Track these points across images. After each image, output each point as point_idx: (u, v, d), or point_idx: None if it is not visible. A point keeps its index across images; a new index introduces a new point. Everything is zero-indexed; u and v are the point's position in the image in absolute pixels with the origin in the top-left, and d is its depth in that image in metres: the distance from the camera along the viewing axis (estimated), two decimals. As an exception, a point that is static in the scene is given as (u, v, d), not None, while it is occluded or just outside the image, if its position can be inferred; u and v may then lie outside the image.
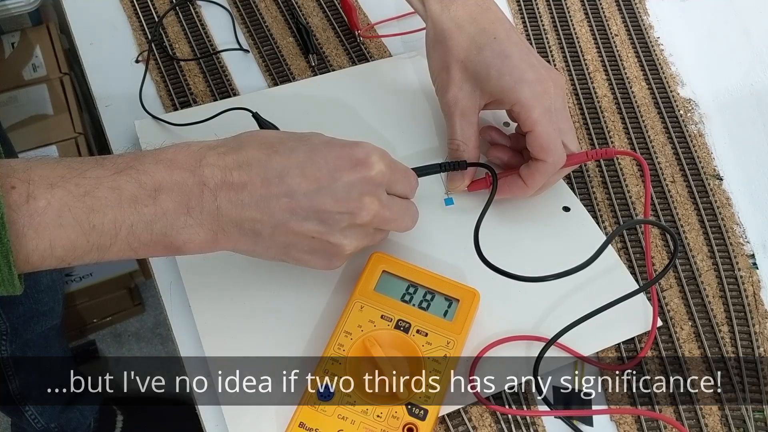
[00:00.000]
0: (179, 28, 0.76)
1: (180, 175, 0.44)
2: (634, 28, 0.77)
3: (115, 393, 1.36)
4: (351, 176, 0.47)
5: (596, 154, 0.58)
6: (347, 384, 0.49)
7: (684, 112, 0.70)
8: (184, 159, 0.45)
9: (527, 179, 0.57)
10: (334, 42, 0.75)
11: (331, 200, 0.46)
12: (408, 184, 0.52)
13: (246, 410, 0.51)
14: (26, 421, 1.09)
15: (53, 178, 0.41)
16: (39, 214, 0.40)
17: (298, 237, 0.47)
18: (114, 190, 0.42)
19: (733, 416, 0.52)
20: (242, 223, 0.45)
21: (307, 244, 0.48)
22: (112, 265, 1.32)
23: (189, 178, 0.44)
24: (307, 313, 0.55)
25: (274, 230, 0.46)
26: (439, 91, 0.60)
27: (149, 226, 0.43)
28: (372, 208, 0.47)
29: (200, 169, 0.44)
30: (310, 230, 0.46)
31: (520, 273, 0.57)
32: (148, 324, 1.46)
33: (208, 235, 0.45)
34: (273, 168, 0.45)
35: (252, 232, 0.46)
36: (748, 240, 0.62)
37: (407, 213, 0.52)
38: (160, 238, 0.44)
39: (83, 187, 0.41)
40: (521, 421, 0.52)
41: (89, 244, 0.42)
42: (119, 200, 0.42)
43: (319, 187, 0.46)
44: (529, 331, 0.54)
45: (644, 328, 0.55)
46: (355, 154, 0.48)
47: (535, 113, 0.55)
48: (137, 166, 0.43)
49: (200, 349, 0.54)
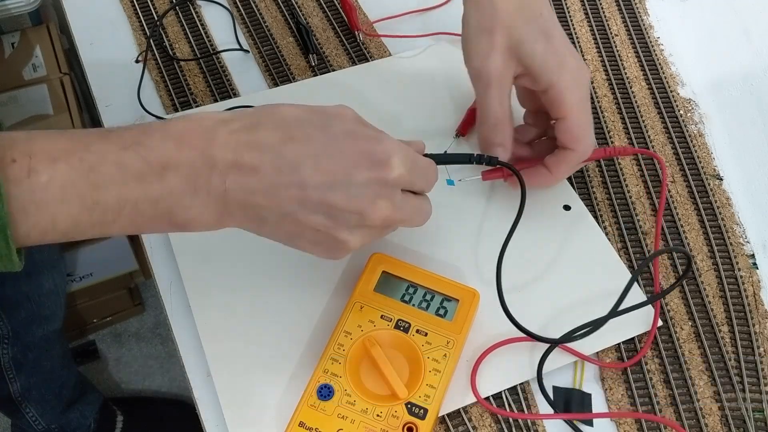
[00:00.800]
0: (179, 28, 0.76)
1: (188, 154, 0.42)
2: (634, 28, 0.77)
3: (115, 393, 1.36)
4: (367, 175, 0.44)
5: (614, 151, 0.59)
6: (347, 383, 0.49)
7: (684, 112, 0.70)
8: (194, 136, 0.42)
9: (553, 168, 0.56)
10: (334, 42, 0.75)
11: (343, 197, 0.44)
12: (426, 181, 0.49)
13: (246, 410, 0.51)
14: (27, 422, 1.09)
15: (56, 152, 0.39)
16: (41, 189, 0.38)
17: (304, 228, 0.45)
18: (119, 166, 0.40)
19: (733, 416, 0.52)
20: (249, 208, 0.44)
21: (311, 236, 0.46)
22: (112, 265, 1.32)
23: (198, 158, 0.42)
24: (307, 313, 0.55)
25: (281, 219, 0.44)
26: (477, 55, 0.56)
27: (154, 204, 0.41)
28: (384, 213, 0.45)
29: (210, 149, 0.42)
30: (317, 224, 0.44)
31: (519, 272, 0.57)
32: (148, 324, 1.46)
33: (213, 215, 0.43)
34: (287, 155, 0.43)
35: (258, 218, 0.44)
36: (748, 240, 0.62)
37: (420, 212, 0.49)
38: (165, 215, 0.42)
39: (87, 162, 0.40)
40: (521, 421, 0.52)
41: (92, 219, 0.40)
42: (124, 177, 0.40)
43: (333, 181, 0.43)
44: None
45: (644, 328, 0.55)
46: (376, 152, 0.45)
47: (571, 100, 0.54)
48: (144, 141, 0.41)
49: (200, 349, 0.54)
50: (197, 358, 0.54)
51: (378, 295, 0.54)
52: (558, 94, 0.54)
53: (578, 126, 0.54)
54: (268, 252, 0.58)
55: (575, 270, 0.58)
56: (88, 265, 1.28)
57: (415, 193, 0.48)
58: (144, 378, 1.40)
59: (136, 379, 1.40)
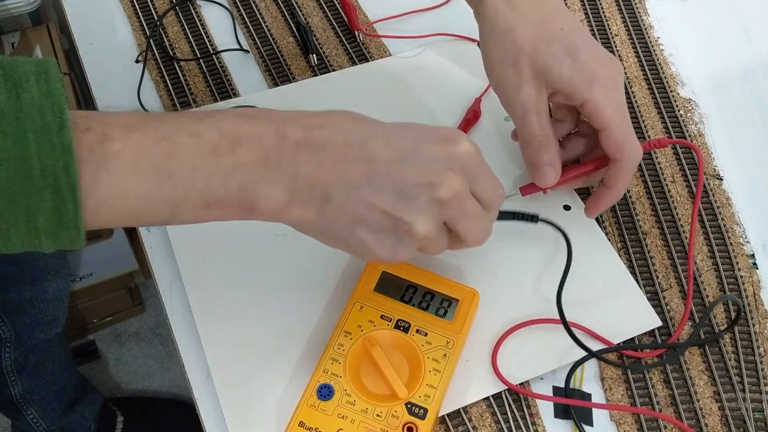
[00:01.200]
0: (179, 28, 0.76)
1: (262, 128, 0.42)
2: (634, 28, 0.77)
3: (115, 393, 1.36)
4: (436, 149, 0.44)
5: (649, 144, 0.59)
6: (347, 383, 0.49)
7: (684, 112, 0.70)
8: (268, 115, 0.43)
9: (611, 184, 0.56)
10: (334, 42, 0.75)
11: (411, 171, 0.43)
12: (493, 191, 0.47)
13: (246, 410, 0.51)
14: (27, 424, 1.09)
15: (131, 123, 0.39)
16: (114, 156, 0.37)
17: (369, 209, 0.43)
18: (194, 135, 0.40)
19: (733, 416, 0.52)
20: (316, 185, 0.42)
21: (377, 220, 0.43)
22: (112, 265, 1.32)
23: (271, 132, 0.42)
24: (307, 313, 0.55)
25: (347, 196, 0.43)
26: (507, 89, 0.56)
27: (226, 179, 0.41)
28: (454, 185, 0.43)
29: (283, 126, 0.42)
30: (384, 202, 0.43)
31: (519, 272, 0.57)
32: (148, 324, 1.46)
33: (282, 194, 0.42)
34: (357, 132, 0.43)
35: (323, 198, 0.43)
36: (748, 240, 0.62)
37: (482, 222, 0.46)
38: (235, 193, 0.41)
39: (162, 132, 0.39)
40: (521, 421, 0.52)
41: (163, 196, 0.39)
42: (198, 147, 0.40)
43: (402, 157, 0.43)
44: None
45: (645, 328, 0.55)
46: (444, 132, 0.45)
47: (607, 112, 0.53)
48: (219, 117, 0.42)
49: (200, 349, 0.54)
50: (197, 358, 0.54)
51: (378, 295, 0.54)
52: (593, 108, 0.53)
53: (620, 135, 0.54)
54: (268, 252, 0.58)
55: (574, 269, 0.58)
56: (88, 265, 1.28)
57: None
58: (144, 378, 1.40)
59: (136, 379, 1.40)
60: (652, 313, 0.56)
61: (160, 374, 1.40)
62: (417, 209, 0.43)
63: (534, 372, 0.53)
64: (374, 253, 0.45)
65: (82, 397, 1.16)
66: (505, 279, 0.58)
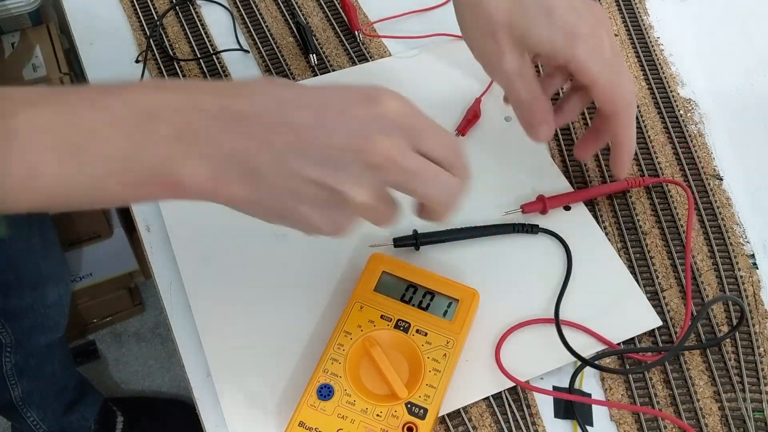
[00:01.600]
0: (179, 28, 0.76)
1: (175, 98, 0.39)
2: (634, 28, 0.77)
3: (115, 393, 1.36)
4: (360, 111, 0.40)
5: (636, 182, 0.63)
6: (347, 383, 0.49)
7: (684, 112, 0.70)
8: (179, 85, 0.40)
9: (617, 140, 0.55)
10: (334, 42, 0.75)
11: (337, 136, 0.40)
12: (442, 143, 0.42)
13: (246, 410, 0.51)
14: (28, 426, 1.09)
15: (33, 97, 0.37)
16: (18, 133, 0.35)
17: (302, 181, 0.40)
18: (102, 109, 0.37)
19: (733, 416, 0.52)
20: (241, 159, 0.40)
21: (312, 193, 0.40)
22: (112, 265, 1.32)
23: (186, 103, 0.39)
24: (307, 313, 0.55)
25: (276, 168, 0.40)
26: (488, 59, 0.55)
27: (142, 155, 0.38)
28: (385, 147, 0.40)
29: (196, 95, 0.39)
30: (314, 171, 0.40)
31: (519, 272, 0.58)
32: (148, 324, 1.46)
33: (206, 171, 0.39)
34: (277, 98, 0.40)
35: (252, 172, 0.40)
36: (748, 240, 0.62)
37: (439, 181, 0.42)
38: (156, 170, 0.39)
39: (69, 106, 0.37)
40: (521, 421, 0.52)
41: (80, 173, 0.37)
42: (111, 120, 0.37)
43: (326, 121, 0.40)
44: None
45: (645, 328, 0.55)
46: (367, 91, 0.41)
47: (593, 69, 0.52)
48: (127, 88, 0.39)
49: (200, 349, 0.54)
50: (197, 358, 0.54)
51: (378, 295, 0.54)
52: (577, 67, 0.52)
53: (610, 87, 0.53)
54: (268, 252, 0.58)
55: (574, 269, 0.58)
56: (88, 265, 1.28)
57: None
58: (144, 378, 1.40)
59: (136, 379, 1.40)
60: (652, 313, 0.56)
61: (160, 374, 1.40)
62: (349, 178, 0.40)
63: (534, 371, 0.53)
64: (318, 229, 0.42)
65: (82, 398, 1.16)
66: (505, 279, 0.58)
